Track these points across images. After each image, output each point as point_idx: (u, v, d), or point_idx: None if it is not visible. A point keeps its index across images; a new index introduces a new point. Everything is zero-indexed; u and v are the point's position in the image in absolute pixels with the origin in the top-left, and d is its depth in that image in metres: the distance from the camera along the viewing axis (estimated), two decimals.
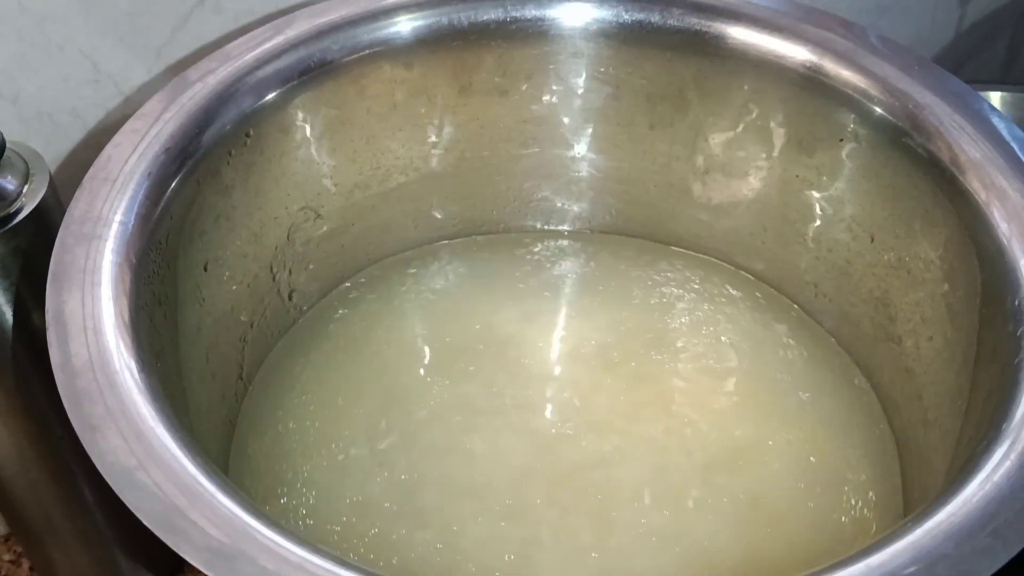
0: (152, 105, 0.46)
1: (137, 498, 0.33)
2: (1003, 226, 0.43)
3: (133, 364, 0.37)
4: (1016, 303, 0.42)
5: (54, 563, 0.58)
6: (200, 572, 0.32)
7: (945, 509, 0.35)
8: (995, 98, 0.70)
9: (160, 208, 0.43)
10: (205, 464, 0.34)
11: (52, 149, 0.55)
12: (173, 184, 0.44)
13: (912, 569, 0.33)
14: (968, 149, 0.46)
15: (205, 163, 0.46)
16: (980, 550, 0.33)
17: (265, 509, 0.46)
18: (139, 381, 0.36)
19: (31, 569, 0.60)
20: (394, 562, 0.47)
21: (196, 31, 0.55)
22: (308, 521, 0.49)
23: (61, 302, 0.38)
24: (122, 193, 0.42)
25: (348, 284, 0.59)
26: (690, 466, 0.51)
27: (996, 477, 0.35)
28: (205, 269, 0.48)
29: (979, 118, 0.47)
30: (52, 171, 0.48)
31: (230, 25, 0.55)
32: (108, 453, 0.34)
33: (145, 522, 0.32)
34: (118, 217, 0.41)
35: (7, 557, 0.62)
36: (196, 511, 0.33)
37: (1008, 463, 0.36)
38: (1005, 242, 0.43)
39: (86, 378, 0.36)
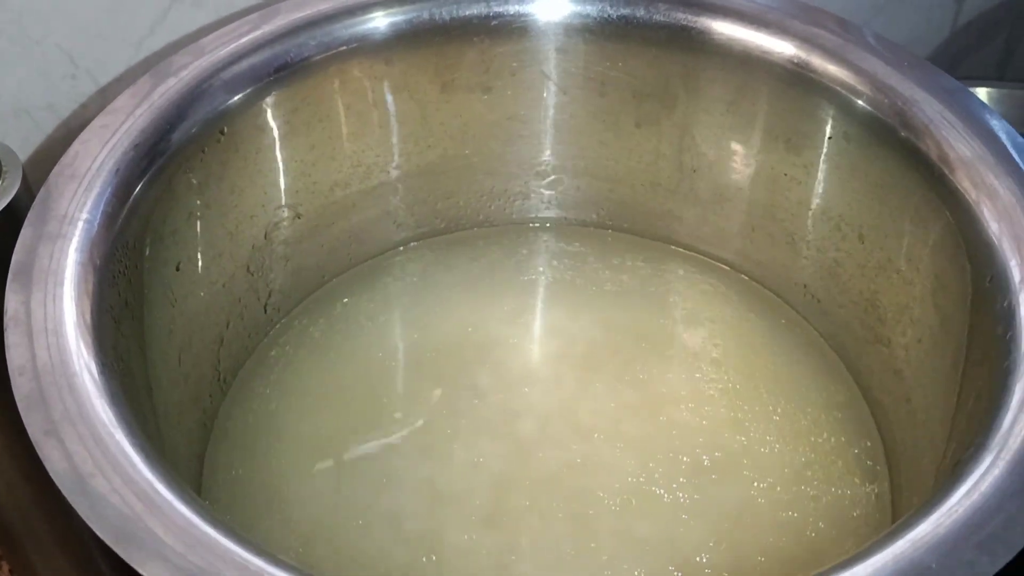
0: (123, 100, 0.45)
1: (91, 506, 0.32)
2: (993, 225, 0.43)
3: (94, 366, 0.36)
4: (1006, 304, 0.41)
5: (34, 566, 0.57)
6: None
7: (929, 519, 0.34)
8: (989, 95, 0.69)
9: (128, 206, 0.42)
10: (164, 471, 0.33)
11: (29, 145, 0.55)
12: (142, 182, 0.43)
13: None
14: (958, 146, 0.45)
15: (177, 160, 0.45)
16: (965, 563, 0.32)
17: (237, 515, 0.45)
18: (99, 384, 0.35)
19: (11, 572, 0.60)
20: (372, 570, 0.46)
21: (176, 25, 0.54)
22: (283, 529, 0.48)
23: (22, 302, 0.37)
24: (88, 191, 0.41)
25: (328, 284, 0.58)
26: (676, 471, 0.50)
27: (983, 487, 0.34)
28: (177, 269, 0.47)
29: (970, 115, 0.46)
30: (29, 168, 0.47)
31: (210, 19, 0.55)
32: (64, 458, 0.33)
33: (96, 531, 0.31)
34: (83, 215, 0.40)
35: None
36: (153, 519, 0.32)
37: (996, 471, 0.35)
38: (995, 241, 0.42)
39: (45, 380, 0.35)
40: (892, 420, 0.51)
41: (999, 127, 0.45)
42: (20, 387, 0.35)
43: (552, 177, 0.59)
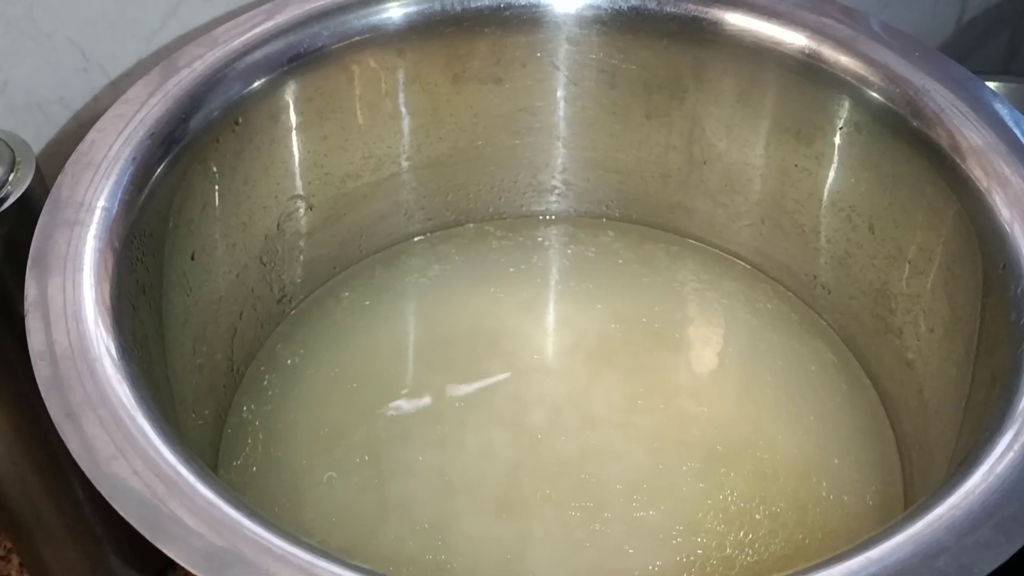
0: (137, 90, 0.45)
1: (114, 487, 0.32)
2: (1005, 213, 0.43)
3: (114, 351, 0.36)
4: (1019, 291, 0.41)
5: (43, 558, 0.57)
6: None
7: (947, 501, 0.34)
8: (995, 90, 0.69)
9: (144, 194, 0.42)
10: (185, 453, 0.33)
11: (41, 138, 0.55)
12: (158, 170, 0.43)
13: (913, 563, 0.32)
14: (969, 136, 0.45)
15: (192, 150, 0.45)
16: (983, 543, 0.32)
17: (250, 504, 0.45)
18: (120, 368, 0.35)
19: (21, 565, 0.60)
20: (385, 559, 0.46)
21: (187, 19, 0.54)
22: (296, 518, 0.48)
23: (41, 287, 0.37)
24: (106, 178, 0.41)
25: (340, 275, 0.58)
26: (687, 462, 0.50)
27: (999, 469, 0.35)
28: (192, 258, 0.47)
29: (980, 104, 0.46)
30: (40, 160, 0.48)
31: (221, 11, 0.55)
32: (86, 441, 0.33)
33: (121, 512, 0.31)
34: (101, 203, 0.40)
35: None
36: (175, 500, 0.32)
37: (1012, 454, 0.35)
38: (1008, 229, 0.42)
39: (65, 365, 0.35)
40: (903, 410, 0.51)
41: (1010, 116, 0.46)
42: (41, 371, 0.35)
43: (562, 169, 0.59)
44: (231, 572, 0.30)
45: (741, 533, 0.48)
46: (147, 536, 0.30)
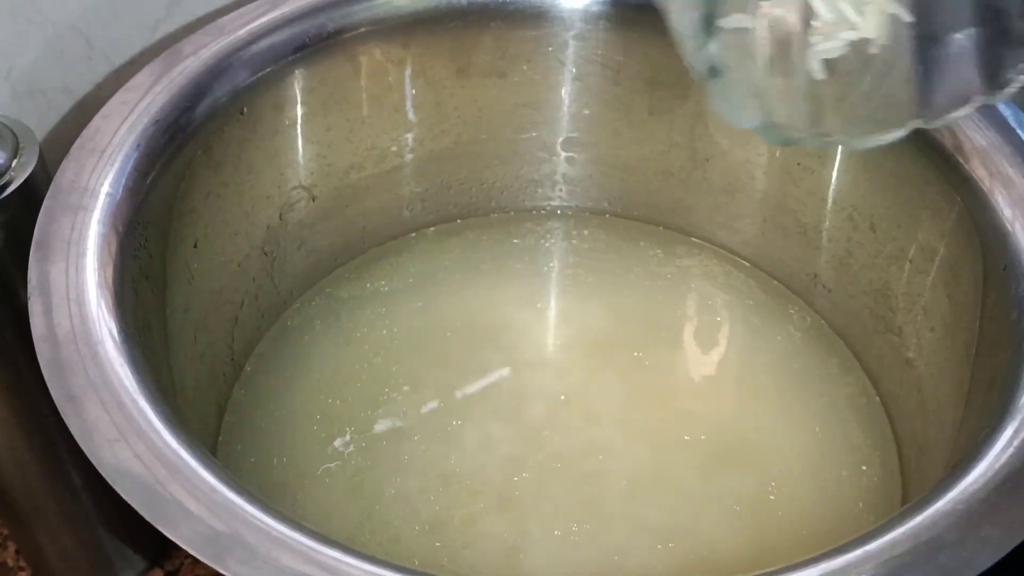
0: (143, 78, 0.45)
1: (116, 470, 0.32)
2: (1007, 212, 0.43)
3: (117, 335, 0.36)
4: (1020, 291, 0.41)
5: (40, 545, 0.57)
6: (187, 552, 0.31)
7: (947, 496, 0.34)
8: None
9: (149, 181, 0.42)
10: (187, 437, 0.33)
11: (45, 125, 0.54)
12: (162, 158, 0.43)
13: (912, 556, 0.32)
14: (972, 135, 0.45)
15: (196, 138, 0.45)
16: (983, 538, 0.32)
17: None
18: (122, 351, 0.35)
19: (17, 551, 0.60)
20: (384, 554, 0.46)
21: (191, 7, 0.54)
22: (294, 511, 0.48)
23: (44, 271, 0.37)
24: (110, 164, 0.41)
25: (341, 267, 0.58)
26: (685, 458, 0.50)
27: (999, 465, 0.35)
28: (195, 246, 0.47)
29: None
30: (44, 147, 0.47)
31: (225, 1, 0.55)
32: (88, 424, 0.33)
33: (123, 495, 0.31)
34: (105, 188, 0.40)
35: None
36: (177, 484, 0.32)
37: (1012, 450, 0.35)
38: (1010, 229, 0.42)
39: (68, 348, 0.35)
40: (903, 410, 0.51)
41: (1013, 116, 0.46)
42: (43, 354, 0.35)
43: (565, 164, 0.59)
44: (232, 556, 0.30)
45: (737, 531, 0.48)
46: (148, 519, 0.30)
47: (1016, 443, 0.35)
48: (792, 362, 0.55)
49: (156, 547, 0.58)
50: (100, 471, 0.32)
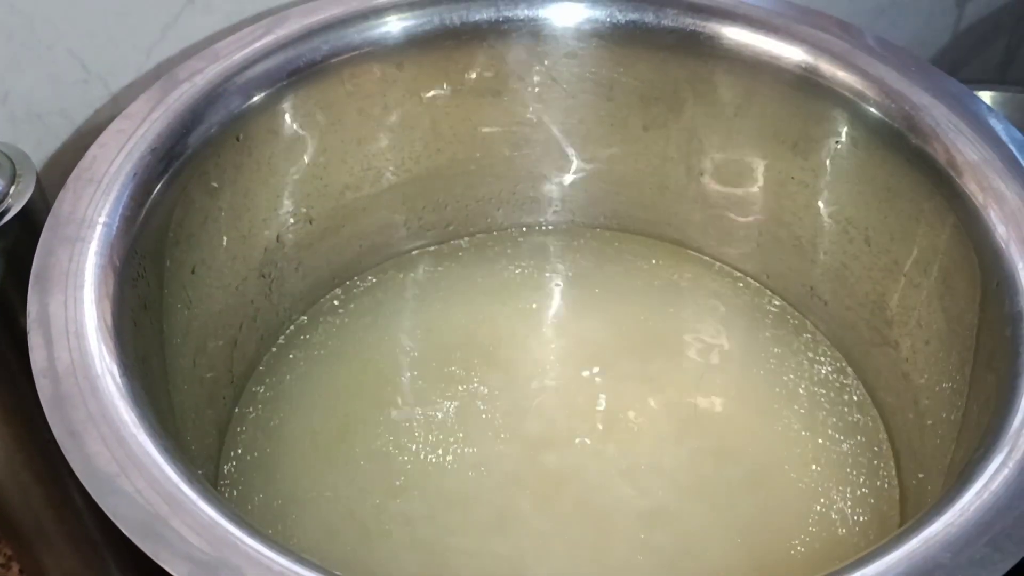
0: (139, 105, 0.45)
1: (117, 505, 0.32)
2: (1000, 229, 0.43)
3: (116, 368, 0.36)
4: (1014, 307, 0.41)
5: (44, 566, 0.58)
6: None
7: (942, 518, 0.34)
8: (991, 98, 0.69)
9: (146, 210, 0.42)
10: (187, 471, 0.34)
11: (41, 150, 0.55)
12: (159, 185, 0.43)
13: None
14: (965, 151, 0.45)
15: (192, 164, 0.46)
16: (977, 560, 0.33)
17: (250, 517, 0.45)
18: (121, 386, 0.35)
19: (21, 572, 0.60)
20: (379, 572, 0.46)
21: (187, 31, 0.54)
22: (294, 533, 0.48)
23: (43, 305, 0.38)
24: (107, 194, 0.41)
25: (338, 287, 0.58)
26: (686, 472, 0.50)
27: (994, 486, 0.35)
28: (193, 272, 0.47)
29: (976, 119, 0.46)
30: (41, 171, 0.48)
31: (221, 24, 0.55)
32: (89, 459, 0.33)
33: (124, 530, 0.31)
34: (102, 219, 0.41)
35: None
36: (177, 519, 0.32)
37: (1006, 471, 0.35)
38: (1003, 245, 0.43)
39: (68, 382, 0.35)
40: (900, 423, 0.51)
41: (1005, 131, 0.46)
42: (44, 389, 0.35)
43: (560, 180, 0.60)
44: None
45: (737, 546, 0.48)
46: (150, 555, 0.31)
47: (1010, 464, 0.35)
48: (789, 374, 0.55)
49: (160, 568, 0.58)
50: (102, 507, 0.32)
